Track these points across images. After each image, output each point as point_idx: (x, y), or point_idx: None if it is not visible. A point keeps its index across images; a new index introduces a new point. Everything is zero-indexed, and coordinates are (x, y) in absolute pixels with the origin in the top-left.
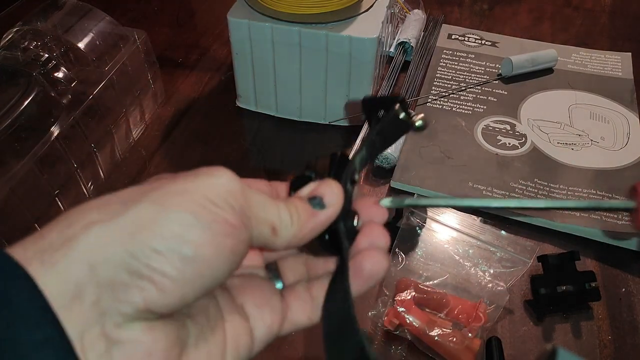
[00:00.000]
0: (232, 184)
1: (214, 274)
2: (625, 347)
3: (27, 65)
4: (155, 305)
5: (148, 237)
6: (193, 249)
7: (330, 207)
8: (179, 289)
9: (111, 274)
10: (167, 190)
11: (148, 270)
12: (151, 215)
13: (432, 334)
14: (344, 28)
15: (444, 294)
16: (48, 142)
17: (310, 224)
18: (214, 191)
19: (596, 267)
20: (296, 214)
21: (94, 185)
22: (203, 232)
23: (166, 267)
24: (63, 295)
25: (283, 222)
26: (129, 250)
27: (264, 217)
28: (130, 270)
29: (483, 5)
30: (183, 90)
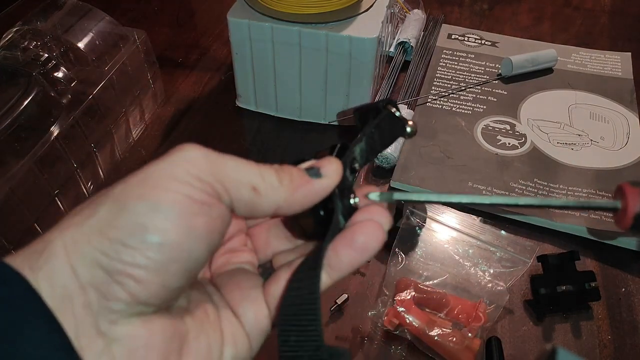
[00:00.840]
0: (197, 155)
1: (191, 256)
2: (625, 347)
3: (27, 65)
4: (142, 297)
5: (114, 233)
6: (158, 235)
7: (327, 177)
8: (157, 277)
9: (90, 273)
10: (128, 182)
11: (121, 264)
12: (114, 211)
13: (432, 333)
14: (344, 28)
15: (443, 294)
16: (48, 142)
17: (303, 190)
18: (178, 169)
19: (596, 267)
20: (288, 177)
21: (94, 185)
22: (166, 216)
23: (137, 258)
24: (55, 299)
25: (267, 182)
26: (99, 248)
27: (239, 178)
28: (106, 268)
29: (483, 5)
30: (183, 90)
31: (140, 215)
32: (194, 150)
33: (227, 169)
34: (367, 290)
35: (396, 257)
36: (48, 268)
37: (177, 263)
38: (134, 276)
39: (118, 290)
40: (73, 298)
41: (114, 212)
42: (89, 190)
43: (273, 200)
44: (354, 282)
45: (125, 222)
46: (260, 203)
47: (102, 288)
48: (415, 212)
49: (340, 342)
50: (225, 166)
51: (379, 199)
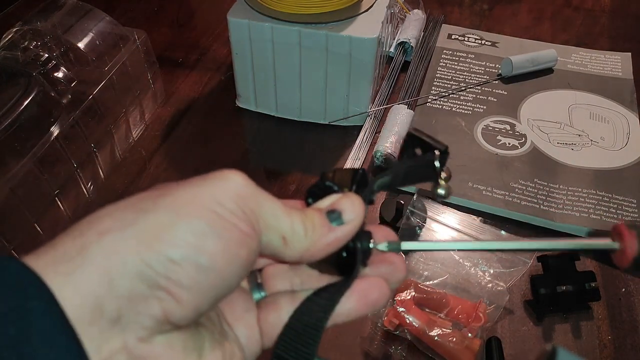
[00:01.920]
0: (244, 188)
1: (227, 284)
2: (625, 347)
3: (27, 65)
4: (174, 317)
5: (163, 246)
6: (208, 259)
7: (349, 223)
8: (195, 299)
9: (129, 285)
10: (178, 196)
11: (165, 280)
12: (165, 224)
13: (432, 334)
14: (344, 28)
15: (443, 294)
16: (48, 142)
17: (325, 240)
18: (226, 195)
19: (596, 267)
20: (311, 227)
21: (94, 186)
22: (217, 241)
23: (182, 277)
24: (82, 309)
25: (295, 233)
26: (145, 259)
27: (275, 225)
28: (147, 281)
29: (483, 5)
30: (183, 90)
31: (193, 234)
32: (238, 179)
33: (266, 210)
34: None
35: None
36: (80, 274)
37: (216, 289)
38: (175, 295)
39: (154, 307)
40: (104, 309)
41: (165, 224)
42: (89, 191)
43: (297, 252)
44: None
45: (177, 237)
46: (284, 252)
47: (138, 302)
48: (415, 212)
49: (340, 341)
50: (264, 207)
51: (387, 249)
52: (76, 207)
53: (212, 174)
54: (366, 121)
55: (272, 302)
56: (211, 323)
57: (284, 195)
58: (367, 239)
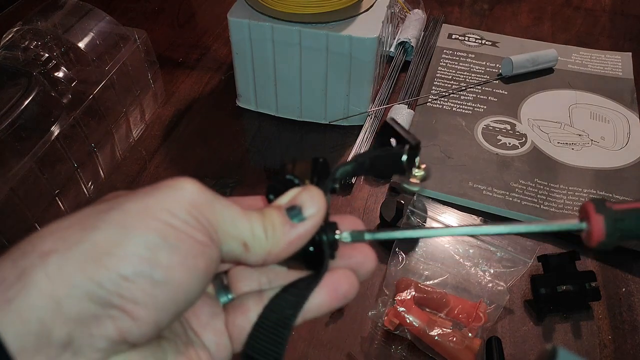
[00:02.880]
0: (198, 196)
1: (186, 297)
2: (626, 347)
3: (28, 65)
4: (131, 335)
5: (114, 263)
6: (164, 273)
7: (310, 218)
8: (152, 315)
9: (79, 306)
10: (127, 209)
11: (118, 298)
12: (114, 239)
13: (432, 333)
14: (344, 28)
15: (444, 294)
16: (48, 141)
17: (287, 239)
18: (178, 205)
19: (596, 267)
20: (271, 228)
21: (94, 185)
22: (172, 253)
23: (137, 293)
24: (26, 337)
25: (256, 237)
26: (94, 278)
27: (234, 232)
28: (99, 301)
29: (483, 5)
30: (183, 90)
31: (145, 248)
32: (191, 187)
33: (223, 218)
34: (367, 290)
35: (396, 257)
36: (23, 301)
37: (176, 303)
38: (130, 312)
39: (108, 327)
40: (51, 335)
41: (113, 240)
42: (89, 190)
43: (260, 256)
44: None
45: (127, 252)
46: (247, 258)
47: (90, 324)
48: (415, 212)
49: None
50: (221, 215)
51: (350, 239)
52: (76, 206)
53: (164, 182)
54: (366, 121)
55: (239, 305)
56: (174, 334)
57: None
58: (332, 231)
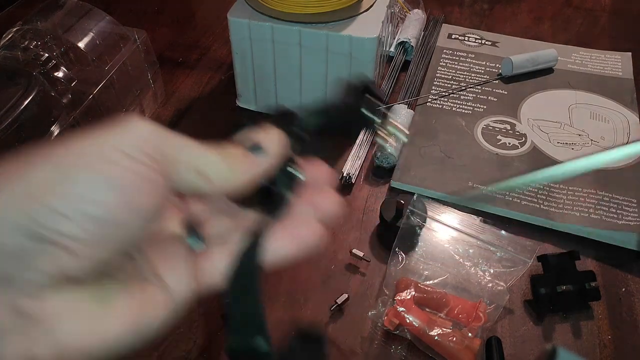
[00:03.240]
0: (144, 129)
1: (130, 233)
2: (625, 347)
3: (28, 65)
4: (70, 270)
5: (51, 200)
6: (103, 210)
7: (269, 151)
8: (93, 251)
9: (14, 242)
10: (71, 147)
11: (55, 234)
12: (52, 176)
13: (432, 333)
14: (344, 28)
15: (444, 294)
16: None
17: (247, 168)
18: (125, 141)
19: (596, 267)
20: (231, 157)
21: None
22: (113, 191)
23: (75, 230)
24: None
25: (212, 164)
26: (29, 214)
27: (186, 160)
28: (34, 236)
29: (483, 5)
30: (183, 90)
31: (85, 186)
32: (141, 124)
33: (173, 147)
34: (367, 290)
35: (396, 256)
36: None
37: (117, 238)
38: (68, 248)
39: (45, 262)
40: None
41: (54, 178)
42: None
43: (219, 185)
44: (354, 282)
45: (66, 190)
46: (204, 187)
47: (27, 259)
48: (415, 211)
49: (340, 341)
50: (170, 144)
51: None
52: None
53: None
54: None
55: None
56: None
57: None
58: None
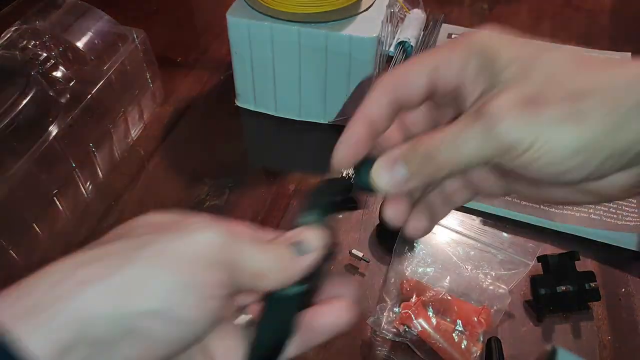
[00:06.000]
0: (218, 240)
1: (198, 334)
2: (625, 347)
3: (26, 65)
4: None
5: (139, 300)
6: (181, 312)
7: (312, 253)
8: (165, 347)
9: (102, 332)
10: (156, 248)
11: (138, 330)
12: (142, 277)
13: (434, 337)
14: (344, 27)
15: (447, 297)
16: (46, 141)
17: (293, 269)
18: (201, 249)
19: (596, 268)
20: (280, 260)
21: (93, 185)
22: (191, 295)
23: (155, 327)
24: (52, 355)
25: (271, 269)
26: (121, 312)
27: (251, 268)
28: (121, 329)
29: (483, 5)
30: (182, 90)
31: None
32: (215, 235)
33: (242, 257)
34: (366, 291)
35: (396, 259)
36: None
37: (187, 338)
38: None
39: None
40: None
41: (142, 278)
42: (87, 190)
43: (272, 285)
44: (354, 283)
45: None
46: (260, 287)
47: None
48: None
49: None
50: (240, 255)
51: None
52: (75, 207)
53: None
54: None
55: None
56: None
57: (283, 195)
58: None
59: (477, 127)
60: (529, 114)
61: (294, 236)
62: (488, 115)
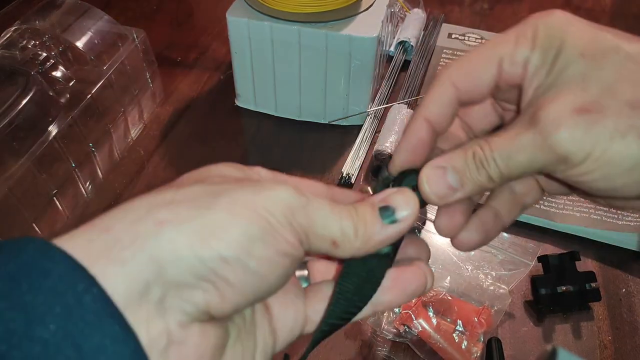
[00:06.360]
0: (294, 201)
1: (267, 289)
2: (626, 347)
3: (25, 64)
4: (214, 309)
5: (218, 245)
6: (256, 264)
7: (401, 222)
8: (237, 297)
9: (179, 275)
10: (235, 198)
11: (213, 275)
12: (222, 223)
13: (435, 337)
14: (344, 27)
15: (447, 298)
16: (46, 141)
17: (376, 240)
18: (276, 206)
19: (596, 268)
20: (362, 227)
21: (92, 185)
22: (267, 248)
23: (230, 275)
24: (131, 294)
25: (346, 236)
26: (199, 255)
27: (324, 233)
28: (197, 274)
29: (483, 5)
30: (182, 90)
31: (247, 238)
32: (287, 192)
33: (315, 221)
34: None
35: None
36: (134, 264)
37: (257, 291)
38: (220, 289)
39: (199, 296)
40: (150, 293)
41: (221, 223)
42: (87, 190)
43: (348, 252)
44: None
45: (232, 238)
46: (335, 253)
47: (184, 289)
48: None
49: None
50: (314, 218)
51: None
52: (74, 206)
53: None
54: (366, 121)
55: (318, 291)
56: (241, 318)
57: None
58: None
59: (530, 135)
60: (586, 123)
61: (384, 200)
62: (543, 123)
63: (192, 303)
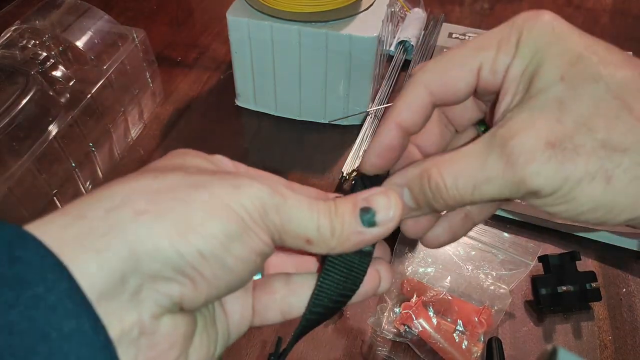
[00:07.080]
0: (269, 200)
1: (239, 283)
2: (626, 347)
3: (26, 64)
4: (187, 301)
5: (196, 240)
6: (233, 261)
7: (381, 226)
8: (210, 290)
9: (156, 267)
10: (215, 193)
11: (190, 269)
12: (201, 218)
13: (435, 337)
14: (344, 27)
15: (447, 297)
16: (46, 141)
17: (352, 242)
18: (253, 205)
19: (597, 267)
20: (340, 227)
21: (92, 185)
22: (243, 246)
23: (206, 270)
24: (106, 284)
25: (321, 235)
26: (177, 249)
27: (298, 232)
28: (175, 267)
29: (484, 4)
30: (182, 89)
31: (225, 235)
32: (264, 192)
33: (290, 220)
34: None
35: (397, 259)
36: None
37: (228, 287)
38: (196, 283)
39: (174, 288)
40: (126, 284)
41: (199, 218)
42: (87, 190)
43: (322, 250)
44: None
45: (210, 234)
46: (309, 249)
47: (159, 281)
48: None
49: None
50: (288, 217)
51: None
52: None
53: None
54: (366, 120)
55: (267, 284)
56: (207, 308)
57: None
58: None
59: (501, 166)
60: (558, 161)
61: (367, 200)
62: (515, 155)
63: (167, 295)
